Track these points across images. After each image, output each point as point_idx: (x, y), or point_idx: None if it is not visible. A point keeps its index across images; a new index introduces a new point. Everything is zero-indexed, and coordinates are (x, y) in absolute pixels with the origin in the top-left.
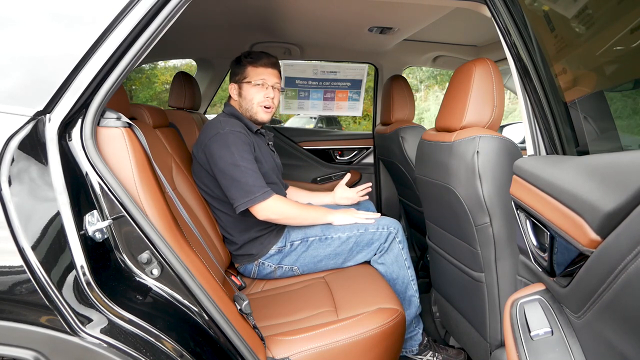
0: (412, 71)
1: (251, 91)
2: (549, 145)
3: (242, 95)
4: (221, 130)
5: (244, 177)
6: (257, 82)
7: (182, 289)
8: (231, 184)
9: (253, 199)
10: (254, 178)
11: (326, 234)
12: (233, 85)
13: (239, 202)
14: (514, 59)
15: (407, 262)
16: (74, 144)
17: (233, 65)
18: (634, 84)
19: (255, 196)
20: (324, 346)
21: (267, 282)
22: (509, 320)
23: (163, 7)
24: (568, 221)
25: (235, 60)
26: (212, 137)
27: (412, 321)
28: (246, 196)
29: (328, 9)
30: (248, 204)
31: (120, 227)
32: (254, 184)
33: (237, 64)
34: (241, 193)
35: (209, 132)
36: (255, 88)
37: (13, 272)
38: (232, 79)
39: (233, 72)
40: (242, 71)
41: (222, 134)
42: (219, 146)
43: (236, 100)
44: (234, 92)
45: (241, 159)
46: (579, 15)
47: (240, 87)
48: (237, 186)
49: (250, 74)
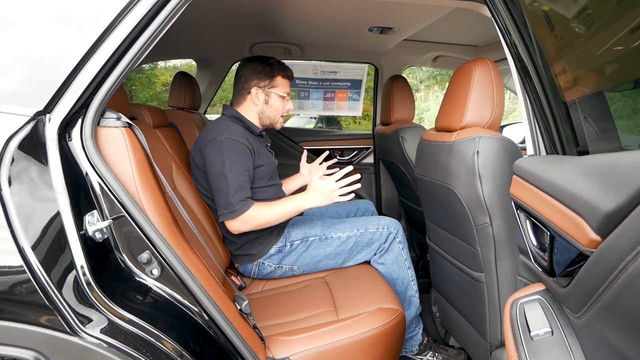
0: (412, 71)
1: (278, 102)
2: (549, 145)
3: (269, 103)
4: (219, 136)
5: (227, 187)
6: (284, 94)
7: (182, 289)
8: (216, 192)
9: (227, 213)
10: (236, 189)
11: (326, 233)
12: (259, 90)
13: (220, 212)
14: (514, 59)
15: (407, 262)
16: (74, 144)
17: (259, 69)
18: (634, 84)
19: (230, 211)
20: (324, 346)
21: (267, 282)
22: (509, 320)
23: (163, 7)
24: (568, 221)
25: (262, 63)
26: (208, 142)
27: (412, 321)
28: (225, 208)
29: (328, 9)
30: (224, 217)
31: (120, 227)
32: (233, 197)
33: (265, 69)
34: (221, 204)
35: (207, 135)
36: (281, 99)
37: (13, 272)
38: (258, 84)
39: (259, 77)
40: (271, 79)
41: (218, 141)
42: (212, 152)
43: (256, 105)
44: (259, 98)
45: (229, 170)
46: (579, 15)
47: (268, 95)
48: (220, 196)
49: (280, 85)
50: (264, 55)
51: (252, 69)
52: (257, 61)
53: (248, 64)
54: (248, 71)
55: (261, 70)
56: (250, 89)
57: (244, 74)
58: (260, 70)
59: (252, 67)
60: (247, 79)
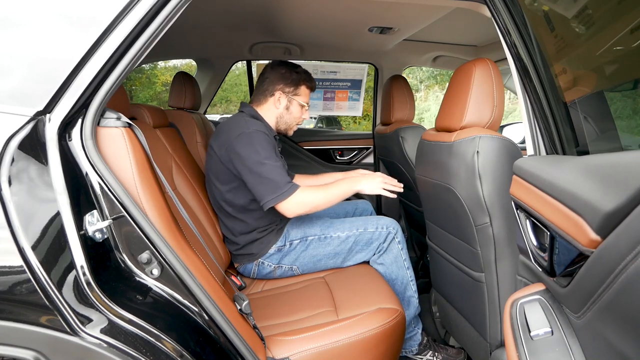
0: (412, 71)
1: (298, 110)
2: (549, 145)
3: (289, 109)
4: (246, 129)
5: (270, 174)
6: (304, 103)
7: (182, 289)
8: (258, 182)
9: (280, 194)
10: (280, 175)
11: (325, 233)
12: (283, 95)
13: (267, 198)
14: (514, 59)
15: (406, 262)
16: (74, 144)
17: (286, 75)
18: (634, 84)
19: (283, 191)
20: (324, 346)
21: (267, 282)
22: (509, 320)
23: (163, 7)
24: (568, 221)
25: (290, 70)
26: (237, 137)
27: (411, 321)
28: (274, 192)
29: (328, 9)
30: (276, 200)
31: (120, 227)
32: (281, 180)
33: (293, 77)
34: (268, 189)
35: (234, 131)
36: (301, 108)
37: (13, 272)
38: (283, 89)
39: (285, 82)
40: (296, 87)
41: (247, 134)
42: (244, 145)
43: (277, 109)
44: (281, 103)
45: (267, 157)
46: (579, 16)
47: (290, 101)
48: (265, 183)
49: (303, 94)
50: (292, 62)
51: (280, 74)
52: (285, 67)
53: (276, 67)
54: (275, 75)
55: (288, 76)
56: (274, 92)
57: (269, 77)
58: (287, 77)
59: (280, 72)
60: (273, 82)
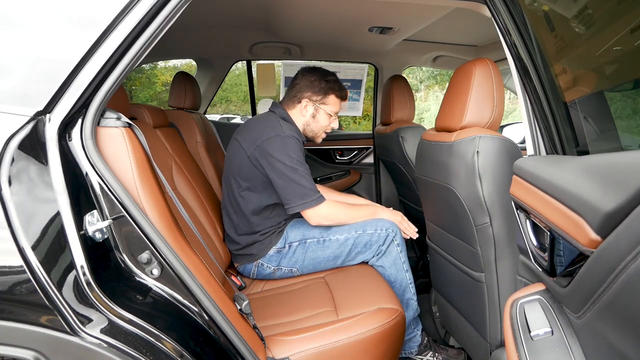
0: (412, 71)
1: (325, 119)
2: (549, 145)
3: (316, 118)
4: (282, 133)
5: (302, 180)
6: (332, 113)
7: (182, 289)
8: (288, 186)
9: (309, 202)
10: (310, 182)
11: (324, 236)
12: (310, 103)
13: (294, 203)
14: (514, 59)
15: (405, 265)
16: (74, 144)
17: (315, 83)
18: (634, 84)
19: (312, 199)
20: (324, 346)
21: (267, 282)
22: (509, 320)
23: (163, 7)
24: (568, 221)
25: (320, 78)
26: (271, 138)
27: (410, 323)
28: (302, 199)
29: (328, 9)
30: (303, 207)
31: (120, 227)
32: (310, 188)
33: (322, 85)
34: (297, 195)
35: (268, 131)
36: (328, 117)
37: (13, 272)
38: (310, 97)
39: (313, 90)
40: (324, 95)
41: (283, 137)
42: (278, 148)
43: (303, 117)
44: (308, 111)
45: (299, 163)
46: (579, 15)
47: (317, 110)
48: (294, 188)
49: (332, 103)
50: (325, 70)
51: (309, 82)
52: (316, 74)
53: (307, 74)
54: (304, 82)
55: (317, 85)
56: (301, 99)
57: (299, 83)
58: (316, 85)
59: (309, 80)
60: (302, 89)
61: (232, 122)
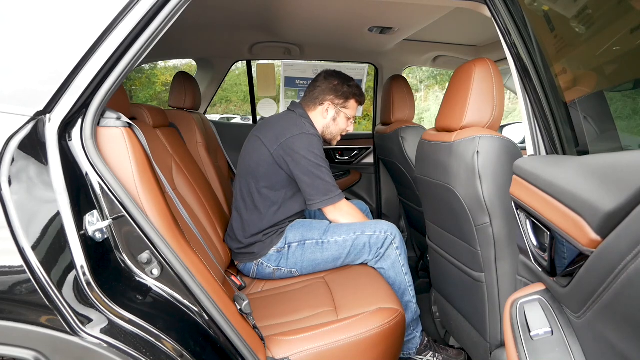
0: (412, 71)
1: (345, 122)
2: (549, 145)
3: (336, 121)
4: (306, 131)
5: (325, 176)
6: (351, 117)
7: (182, 289)
8: (312, 182)
9: (332, 197)
10: (332, 179)
11: (323, 238)
12: (331, 106)
13: (319, 199)
14: (514, 59)
15: (405, 268)
16: (74, 144)
17: (338, 87)
18: (634, 84)
19: (335, 195)
20: (323, 346)
21: (267, 282)
22: (509, 320)
23: (163, 7)
24: (568, 221)
25: (342, 82)
26: (296, 135)
27: (410, 325)
28: (325, 195)
29: (328, 9)
30: (325, 203)
31: (120, 227)
32: (333, 184)
33: (344, 89)
34: (321, 191)
35: (292, 129)
36: (347, 120)
37: (13, 272)
38: (333, 100)
39: (336, 94)
40: (345, 99)
41: (308, 135)
42: (304, 145)
43: (324, 119)
44: (329, 113)
45: (322, 161)
46: (579, 15)
47: (338, 113)
48: (318, 185)
49: (351, 108)
50: (346, 75)
51: (332, 85)
52: (338, 78)
53: (330, 78)
54: (327, 85)
55: (340, 89)
56: (323, 102)
57: (321, 86)
58: (339, 89)
59: (332, 83)
60: (324, 92)
61: (232, 122)
